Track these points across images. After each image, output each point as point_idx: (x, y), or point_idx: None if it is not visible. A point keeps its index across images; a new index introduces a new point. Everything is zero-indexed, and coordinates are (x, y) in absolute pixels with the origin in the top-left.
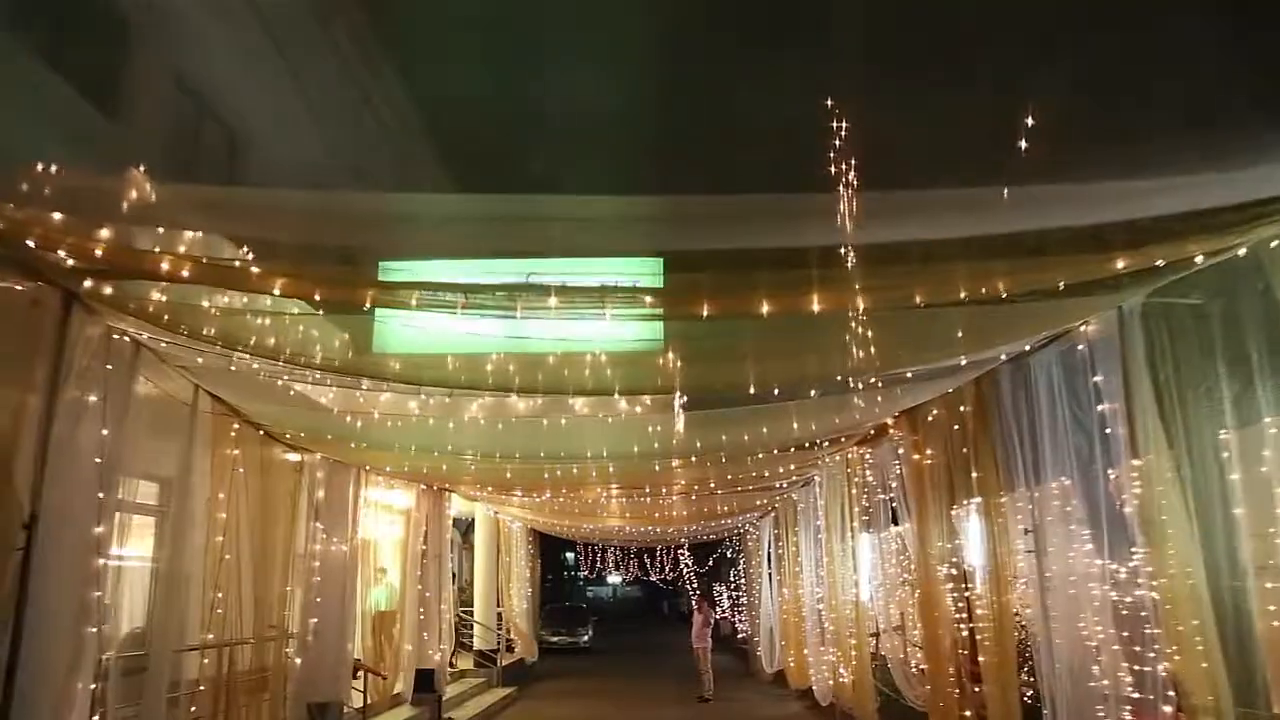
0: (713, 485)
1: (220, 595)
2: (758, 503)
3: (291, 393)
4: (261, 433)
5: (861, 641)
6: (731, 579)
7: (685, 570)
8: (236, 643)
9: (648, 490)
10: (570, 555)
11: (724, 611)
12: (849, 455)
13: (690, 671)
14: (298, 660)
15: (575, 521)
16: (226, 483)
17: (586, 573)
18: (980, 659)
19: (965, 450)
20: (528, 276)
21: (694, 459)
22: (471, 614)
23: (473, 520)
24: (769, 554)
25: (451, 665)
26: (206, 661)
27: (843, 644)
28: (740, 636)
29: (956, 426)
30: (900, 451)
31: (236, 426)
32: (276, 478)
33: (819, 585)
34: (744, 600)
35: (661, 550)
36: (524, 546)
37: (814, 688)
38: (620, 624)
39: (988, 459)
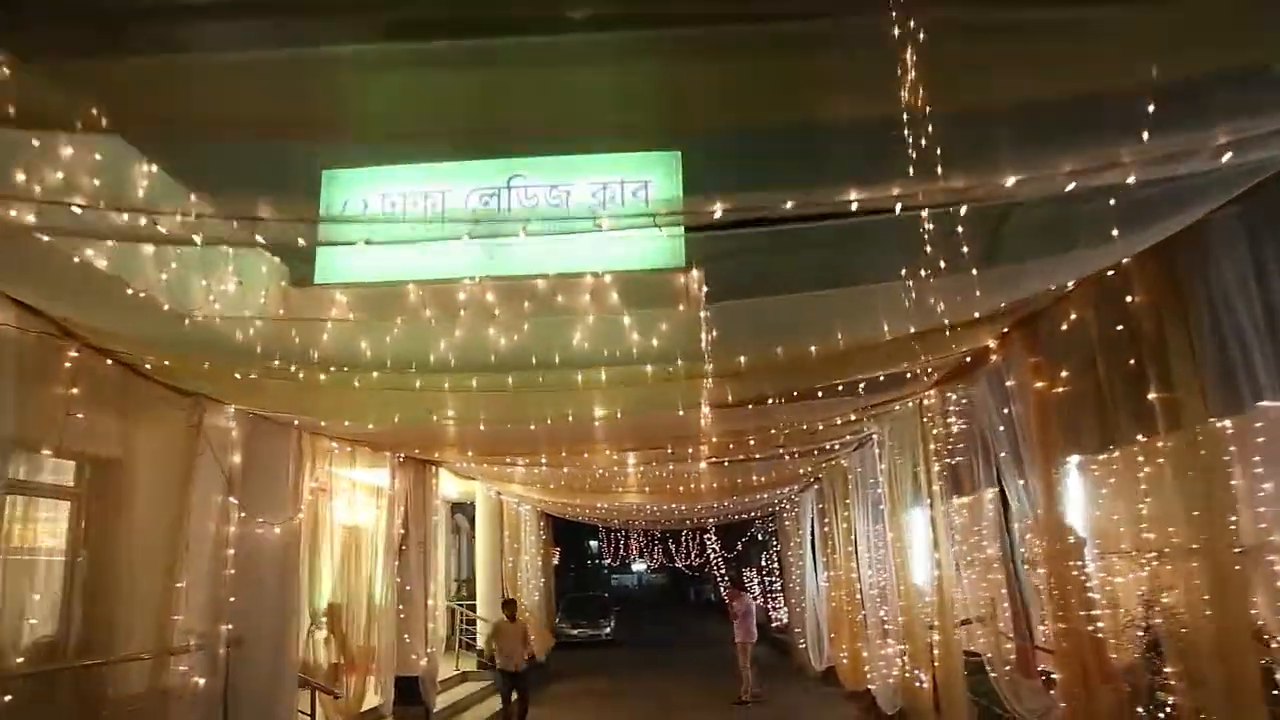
0: (751, 443)
1: (38, 598)
2: (800, 472)
3: (188, 323)
4: (111, 362)
5: (948, 637)
6: (764, 563)
7: (713, 555)
8: (60, 666)
9: (670, 450)
10: (594, 543)
11: (756, 598)
12: (925, 401)
13: (721, 665)
14: (200, 681)
15: (587, 500)
16: (54, 435)
17: (610, 561)
18: (1168, 670)
19: (1133, 363)
20: (509, 181)
21: (729, 394)
22: (475, 609)
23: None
24: (811, 533)
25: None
26: (10, 699)
27: (914, 638)
28: (775, 625)
29: (1119, 327)
30: (1009, 384)
31: (74, 354)
32: (155, 432)
33: (879, 567)
34: (778, 586)
35: (687, 535)
36: (534, 532)
37: (873, 690)
38: (645, 613)
39: (1183, 370)
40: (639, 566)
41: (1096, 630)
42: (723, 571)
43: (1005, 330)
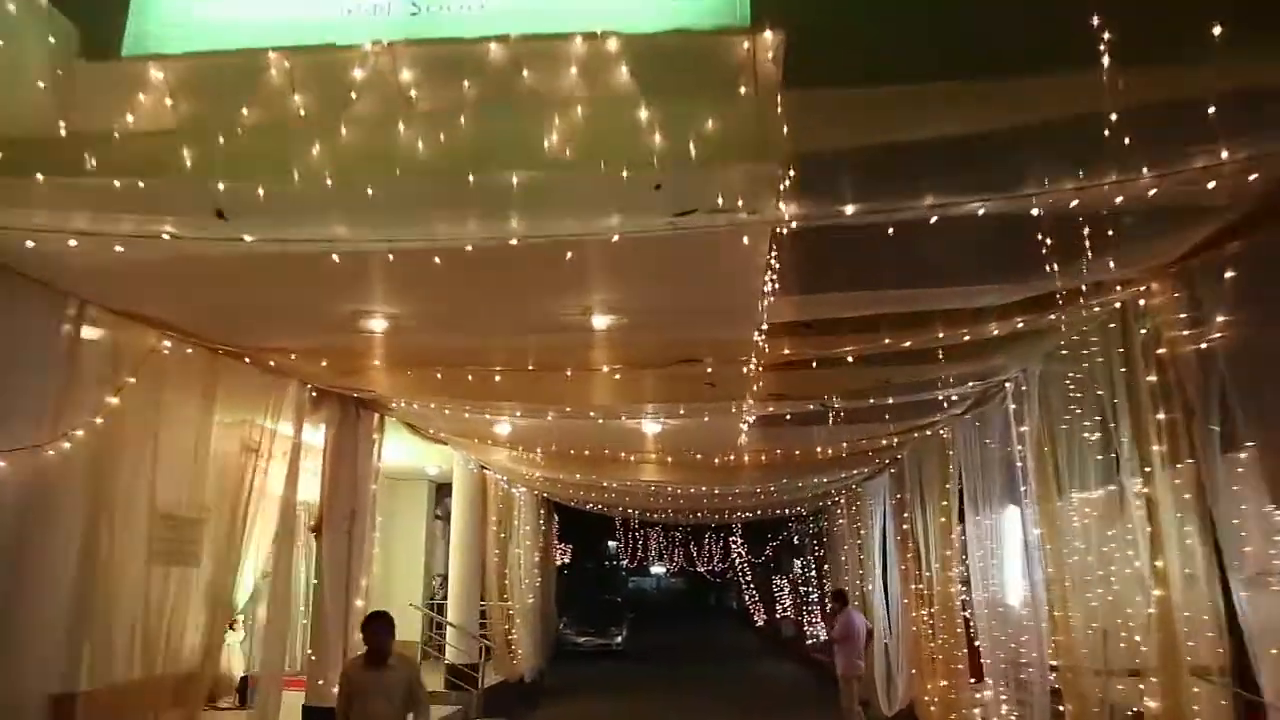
0: (850, 358)
1: None
2: (883, 443)
3: None
4: None
5: (1179, 698)
6: (799, 571)
7: (738, 560)
8: None
9: (710, 373)
10: (612, 544)
11: (785, 611)
12: (1145, 301)
13: (755, 689)
14: None
15: (590, 475)
16: None
17: (628, 562)
18: None
19: None
20: None
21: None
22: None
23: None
24: (883, 532)
25: None
26: None
27: (1079, 692)
28: (810, 643)
29: None
30: None
31: None
32: None
33: (1003, 581)
34: (815, 598)
35: (710, 536)
36: (531, 522)
37: None
38: (663, 620)
39: None
40: (658, 569)
41: None
42: (748, 578)
43: None
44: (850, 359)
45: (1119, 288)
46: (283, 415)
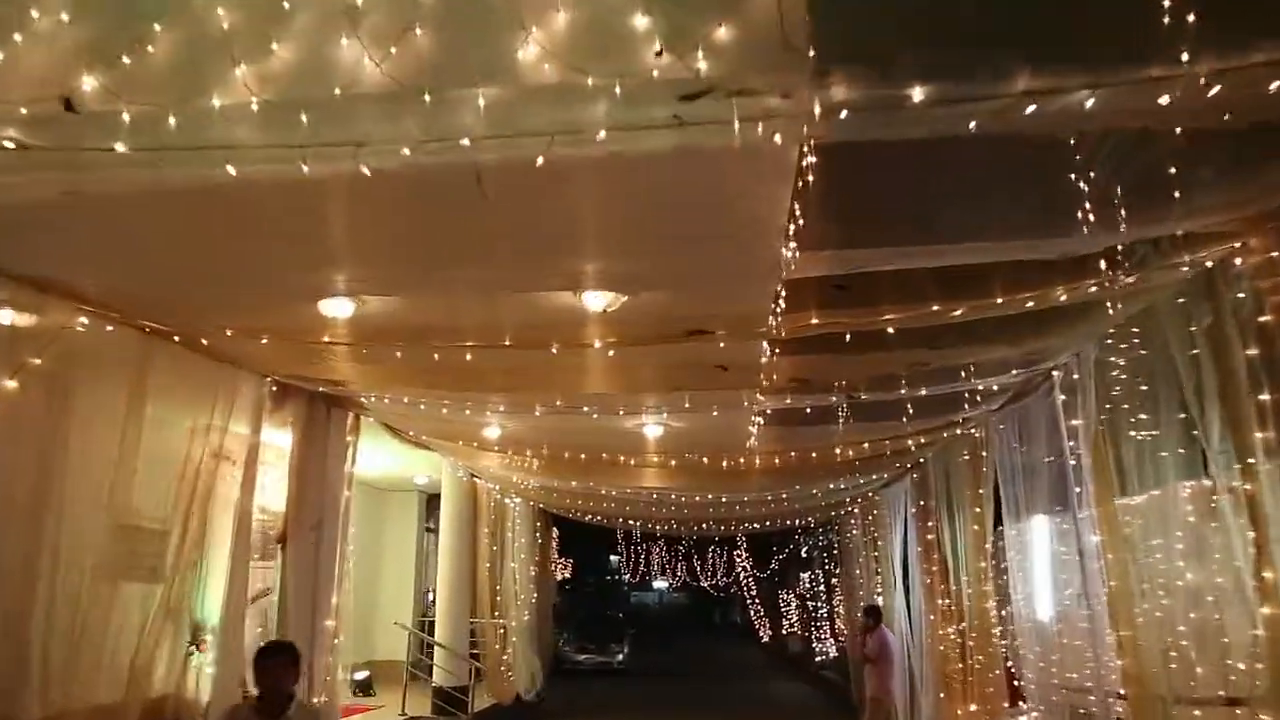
0: (888, 330)
1: None
2: (907, 444)
3: None
4: None
5: None
6: (806, 586)
7: (743, 574)
8: None
9: (720, 345)
10: (613, 558)
11: (792, 627)
12: (1243, 260)
13: (763, 708)
14: None
15: (588, 480)
16: None
17: (630, 577)
18: None
19: None
20: None
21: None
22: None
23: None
24: (904, 543)
25: None
26: None
27: None
28: (819, 660)
29: None
30: None
31: None
32: None
33: (1044, 594)
34: (824, 612)
35: (714, 550)
36: (528, 533)
37: None
38: (666, 636)
39: None
40: (660, 584)
41: None
42: (753, 593)
43: None
44: (890, 330)
45: (1187, 256)
46: (236, 411)
